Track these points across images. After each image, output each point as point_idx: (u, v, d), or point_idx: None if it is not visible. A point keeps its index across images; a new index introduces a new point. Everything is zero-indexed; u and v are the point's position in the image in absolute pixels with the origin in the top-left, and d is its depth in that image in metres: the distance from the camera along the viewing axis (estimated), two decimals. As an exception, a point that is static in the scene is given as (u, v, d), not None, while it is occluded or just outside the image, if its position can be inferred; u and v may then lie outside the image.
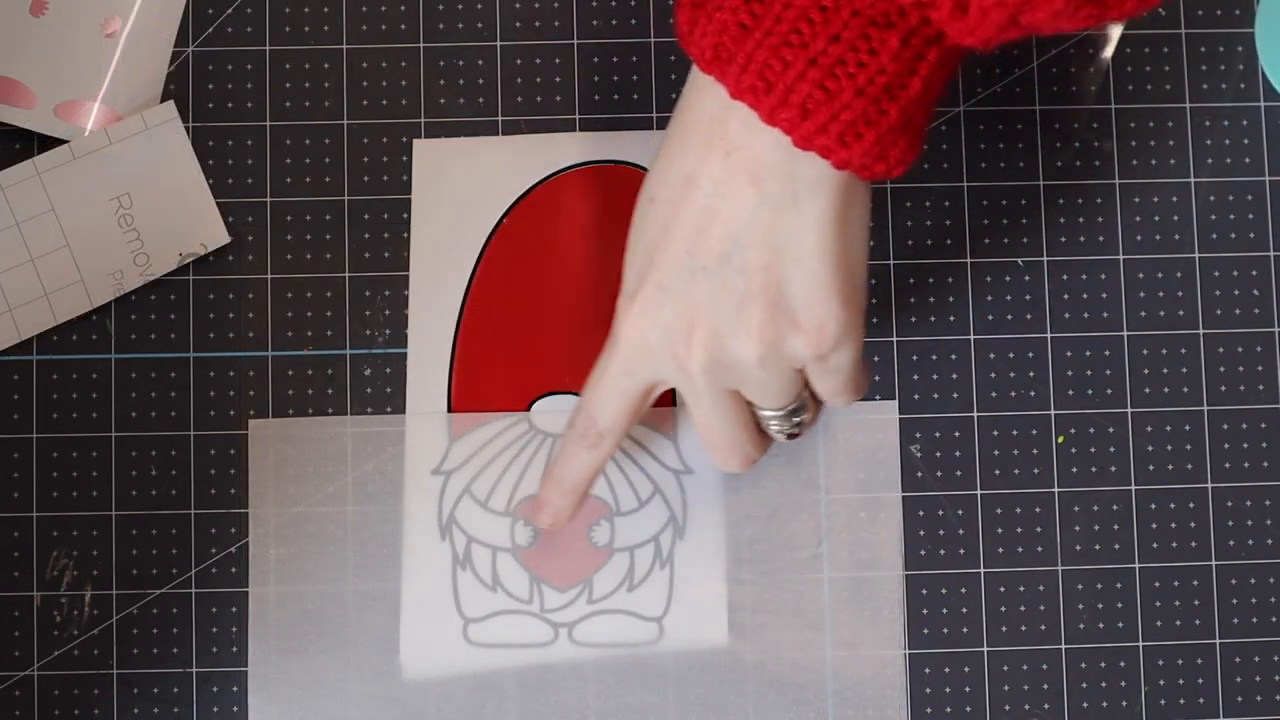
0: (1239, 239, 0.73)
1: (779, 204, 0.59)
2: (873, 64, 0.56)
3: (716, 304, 0.60)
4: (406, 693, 0.70)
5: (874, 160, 0.58)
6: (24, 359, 0.70)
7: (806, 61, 0.56)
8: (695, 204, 0.60)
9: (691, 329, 0.61)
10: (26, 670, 0.69)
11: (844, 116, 0.56)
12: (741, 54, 0.57)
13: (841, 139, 0.57)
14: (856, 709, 0.70)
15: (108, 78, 0.71)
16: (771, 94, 0.57)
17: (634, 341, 0.63)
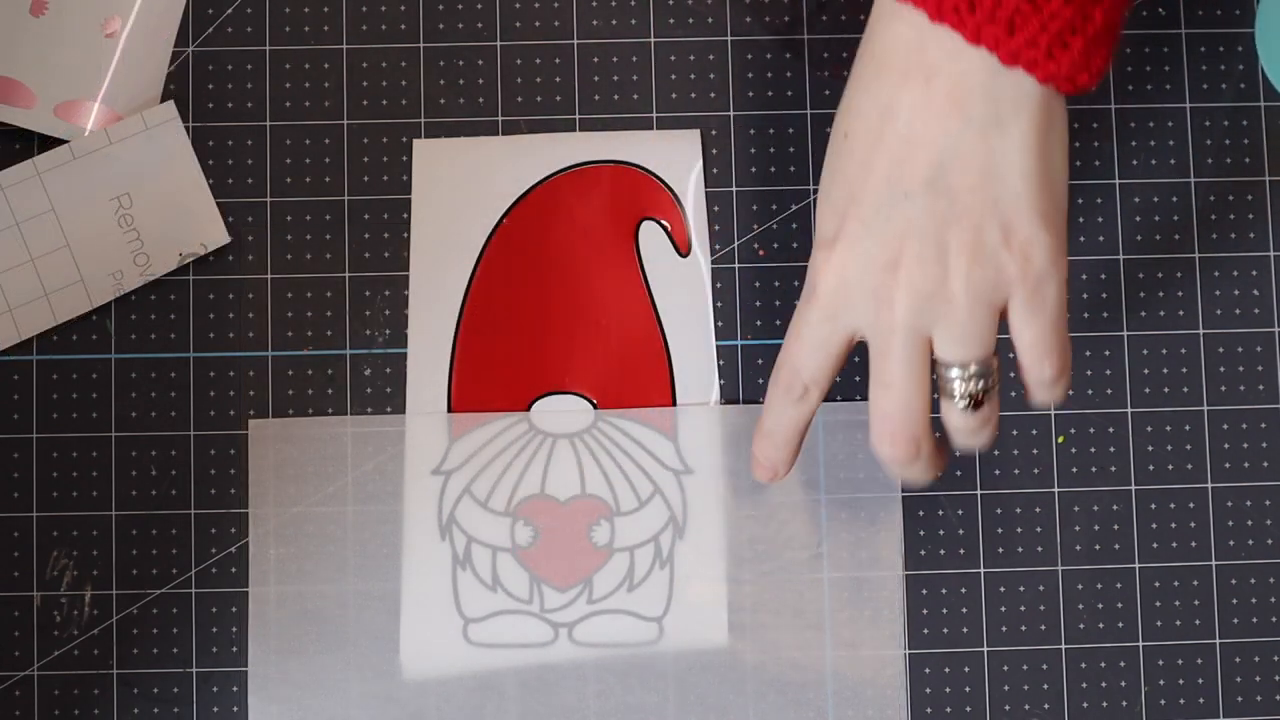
0: (1239, 239, 0.73)
1: (983, 126, 0.57)
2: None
3: (923, 229, 0.58)
4: (406, 693, 0.70)
5: (1079, 70, 0.56)
6: (24, 359, 0.70)
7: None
8: (895, 133, 0.58)
9: (897, 260, 0.59)
10: (26, 670, 0.69)
11: (1052, 26, 0.55)
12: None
13: (1049, 50, 0.56)
14: (856, 709, 0.70)
15: (108, 78, 0.71)
16: (977, 11, 0.55)
17: (834, 285, 0.60)
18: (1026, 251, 0.59)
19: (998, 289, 0.59)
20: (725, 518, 0.71)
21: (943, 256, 0.59)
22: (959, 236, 0.58)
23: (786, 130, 0.72)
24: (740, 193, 0.72)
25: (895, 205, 0.59)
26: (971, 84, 0.57)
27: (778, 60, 0.73)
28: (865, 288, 0.60)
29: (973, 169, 0.58)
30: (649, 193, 0.72)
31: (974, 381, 0.61)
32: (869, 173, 0.59)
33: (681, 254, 0.72)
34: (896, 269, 0.59)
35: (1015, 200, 0.58)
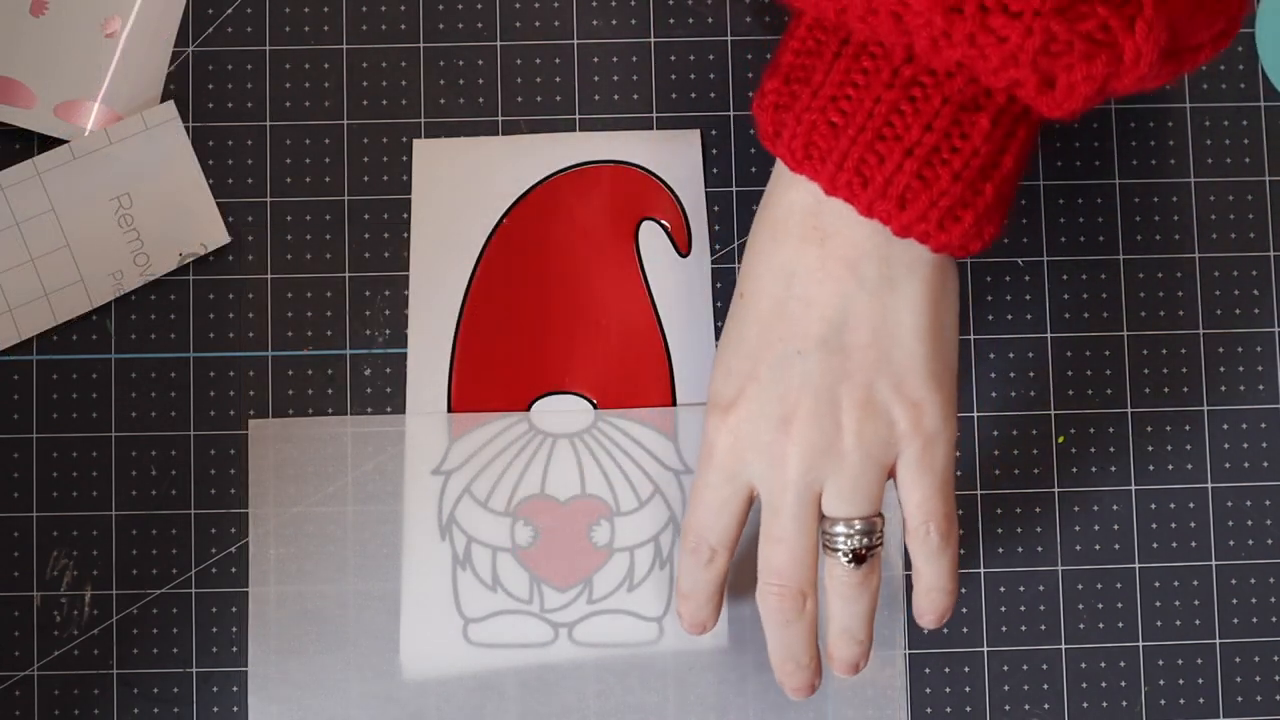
0: (1239, 239, 0.73)
1: (876, 286, 0.59)
2: (966, 148, 0.57)
3: (816, 386, 0.60)
4: (406, 693, 0.70)
5: (971, 239, 0.58)
6: (24, 359, 0.70)
7: (903, 153, 0.57)
8: (791, 295, 0.60)
9: (791, 417, 0.61)
10: (26, 670, 0.69)
11: (942, 203, 0.57)
12: (836, 152, 0.58)
13: (940, 224, 0.58)
14: (856, 709, 0.70)
15: (108, 78, 0.71)
16: (869, 188, 0.57)
17: (729, 444, 0.62)
18: (918, 409, 0.61)
19: (888, 446, 0.61)
20: (725, 518, 0.71)
21: (835, 412, 0.60)
22: (851, 393, 0.60)
23: (786, 130, 0.72)
24: (740, 193, 0.72)
25: (789, 363, 0.60)
26: (866, 247, 0.59)
27: (778, 60, 0.73)
28: (760, 445, 0.61)
29: (865, 327, 0.60)
30: (649, 193, 0.72)
31: (858, 538, 0.62)
32: (765, 333, 0.61)
33: (681, 254, 0.72)
34: (790, 426, 0.61)
35: (907, 358, 0.60)
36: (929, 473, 0.61)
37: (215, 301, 0.71)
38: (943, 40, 0.55)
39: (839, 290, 0.60)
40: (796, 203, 0.60)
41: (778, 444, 0.61)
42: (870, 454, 0.61)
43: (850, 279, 0.59)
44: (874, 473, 0.61)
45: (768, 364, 0.61)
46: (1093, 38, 0.53)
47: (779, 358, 0.61)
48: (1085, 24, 0.53)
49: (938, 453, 0.61)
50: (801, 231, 0.60)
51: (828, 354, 0.60)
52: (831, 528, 0.62)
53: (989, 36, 0.54)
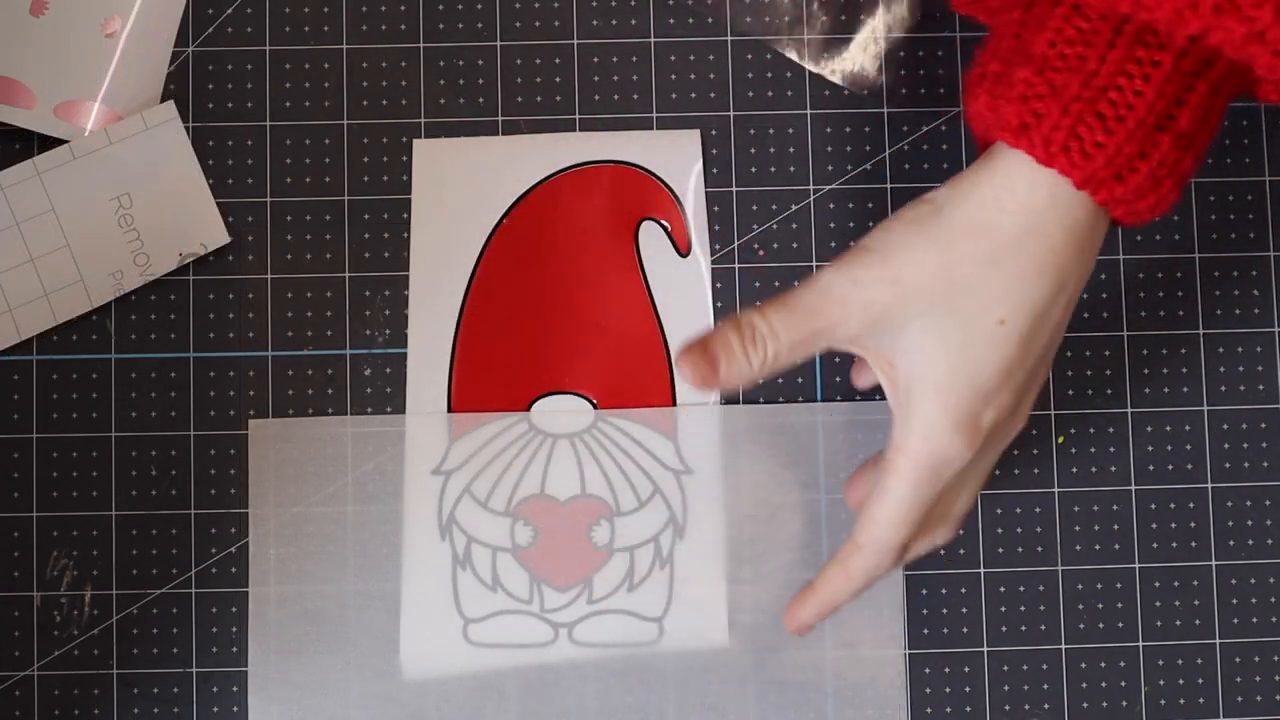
0: (1239, 239, 0.73)
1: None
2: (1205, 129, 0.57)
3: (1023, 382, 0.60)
4: (406, 693, 0.70)
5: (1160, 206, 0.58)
6: (24, 359, 0.70)
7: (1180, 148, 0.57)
8: (1059, 312, 0.60)
9: (1022, 404, 0.61)
10: (26, 670, 0.69)
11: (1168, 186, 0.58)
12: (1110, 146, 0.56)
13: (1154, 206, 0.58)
14: (856, 709, 0.70)
15: (108, 78, 0.71)
16: (1125, 183, 0.57)
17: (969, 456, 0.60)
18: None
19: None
20: (725, 518, 0.71)
21: (1024, 397, 0.61)
22: (1034, 380, 0.61)
23: (786, 130, 0.72)
24: (740, 193, 0.72)
25: (1043, 364, 0.61)
26: (1094, 245, 0.59)
27: (778, 60, 0.73)
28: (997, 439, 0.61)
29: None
30: (649, 193, 0.72)
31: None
32: (1028, 350, 0.59)
33: (681, 254, 0.72)
34: (1018, 412, 0.61)
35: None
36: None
37: (215, 301, 0.71)
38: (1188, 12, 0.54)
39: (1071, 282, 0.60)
40: (1081, 222, 0.58)
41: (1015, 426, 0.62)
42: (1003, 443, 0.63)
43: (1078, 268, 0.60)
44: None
45: (1028, 373, 0.60)
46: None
47: (1036, 364, 0.60)
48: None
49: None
50: (1079, 248, 0.58)
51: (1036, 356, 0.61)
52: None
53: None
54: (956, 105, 0.73)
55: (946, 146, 0.73)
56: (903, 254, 0.58)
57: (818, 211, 0.72)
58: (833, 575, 0.62)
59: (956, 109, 0.73)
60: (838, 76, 0.73)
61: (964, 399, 0.59)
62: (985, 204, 0.58)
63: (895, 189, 0.72)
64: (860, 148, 0.72)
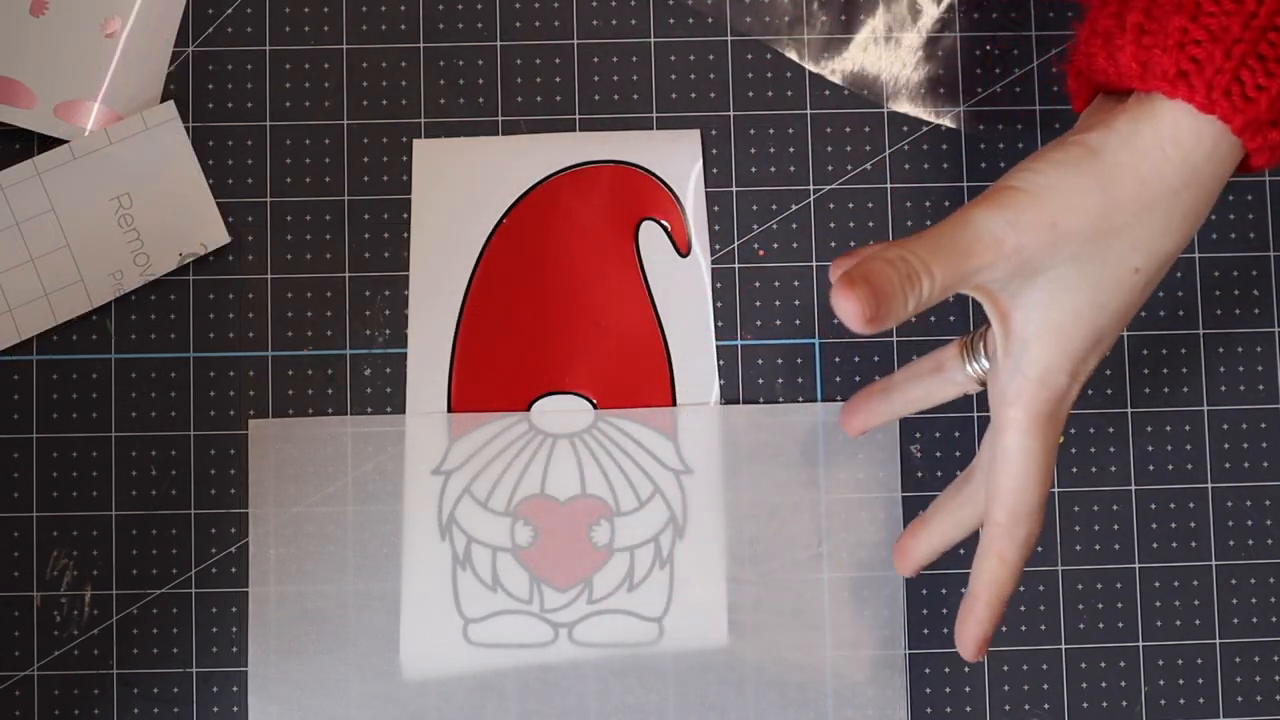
0: (1239, 239, 0.73)
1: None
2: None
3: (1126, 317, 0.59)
4: (406, 693, 0.70)
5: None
6: (24, 359, 0.70)
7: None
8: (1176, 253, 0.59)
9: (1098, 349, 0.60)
10: (26, 670, 0.69)
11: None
12: (1274, 87, 0.55)
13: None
14: (856, 709, 0.70)
15: (108, 78, 0.71)
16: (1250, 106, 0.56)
17: (1072, 399, 0.59)
18: None
19: None
20: (725, 518, 0.71)
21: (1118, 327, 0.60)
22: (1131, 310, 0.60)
23: (786, 130, 0.72)
24: (740, 193, 0.72)
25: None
26: (1214, 188, 0.58)
27: (778, 60, 0.73)
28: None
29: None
30: (649, 193, 0.72)
31: None
32: (1141, 303, 0.59)
33: (681, 254, 0.72)
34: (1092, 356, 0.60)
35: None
36: None
37: (215, 301, 0.71)
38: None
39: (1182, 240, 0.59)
40: (1226, 171, 0.57)
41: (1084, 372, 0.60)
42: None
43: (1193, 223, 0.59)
44: None
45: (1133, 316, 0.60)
46: None
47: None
48: None
49: None
50: (1213, 191, 0.57)
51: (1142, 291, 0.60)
52: None
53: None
54: (957, 105, 0.73)
55: (946, 146, 0.73)
56: (1060, 198, 0.56)
57: (818, 211, 0.72)
58: (988, 570, 0.60)
59: (956, 109, 0.73)
60: (838, 76, 0.73)
61: (1084, 343, 0.58)
62: (1149, 151, 0.56)
63: (895, 189, 0.72)
64: (860, 148, 0.73)
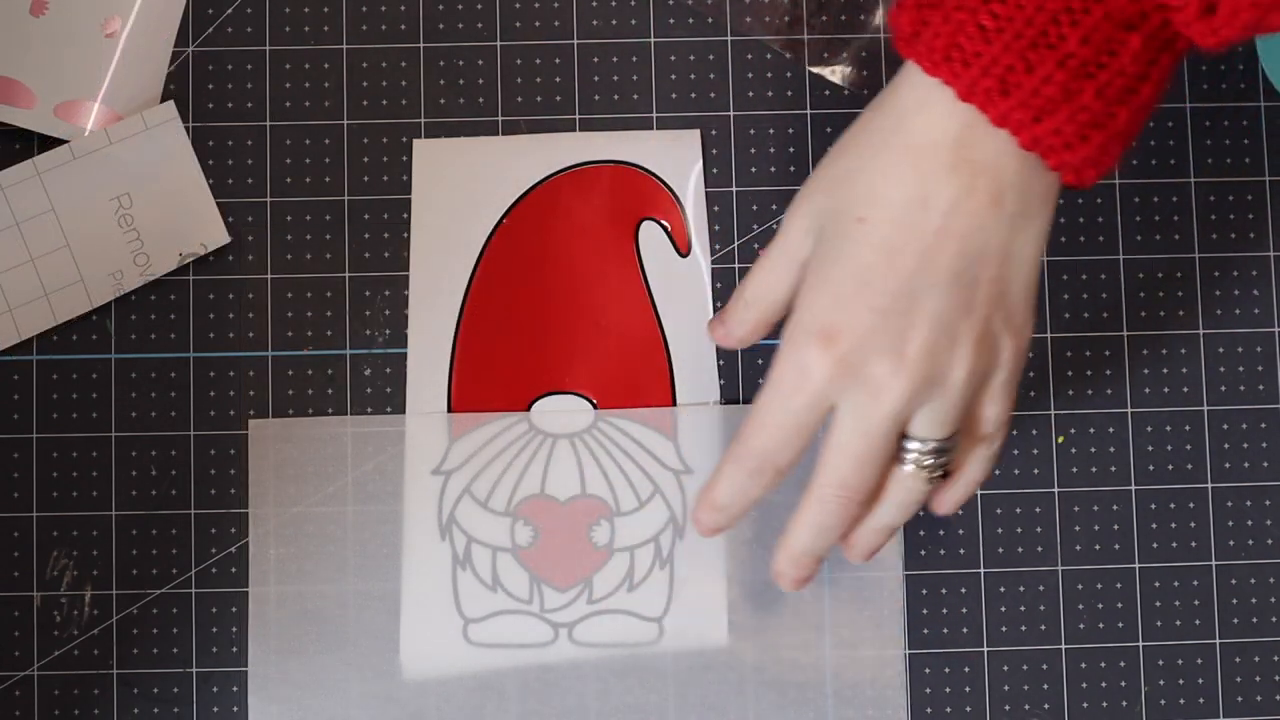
0: (1239, 239, 0.73)
1: (1013, 220, 0.58)
2: (1113, 65, 0.56)
3: (941, 320, 0.59)
4: (406, 693, 0.70)
5: (1088, 166, 0.57)
6: (24, 359, 0.70)
7: (1055, 63, 0.55)
8: (927, 224, 0.58)
9: (904, 352, 0.59)
10: (26, 670, 0.69)
11: (1080, 118, 0.56)
12: (985, 57, 0.56)
13: (1068, 143, 0.57)
14: (856, 709, 0.70)
15: (108, 78, 0.71)
16: (1009, 96, 0.56)
17: (833, 373, 0.59)
18: (1020, 336, 0.60)
19: (987, 374, 0.60)
20: (725, 518, 0.71)
21: (952, 346, 0.59)
22: (972, 327, 0.59)
23: (786, 130, 0.72)
24: (740, 193, 0.72)
25: (916, 297, 0.58)
26: (1009, 180, 0.58)
27: (778, 60, 0.73)
28: (866, 375, 0.59)
29: (995, 261, 0.59)
30: (649, 193, 0.72)
31: (939, 455, 0.61)
32: (891, 262, 0.58)
33: (681, 254, 0.72)
34: (903, 357, 0.59)
35: (1022, 289, 0.60)
36: (1010, 393, 0.61)
37: (215, 301, 0.71)
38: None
39: (981, 224, 0.58)
40: (949, 132, 0.57)
41: (887, 375, 0.59)
42: (974, 385, 0.60)
43: (993, 213, 0.58)
44: (970, 399, 0.60)
45: (891, 294, 0.58)
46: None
47: (906, 290, 0.58)
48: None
49: (1018, 375, 0.61)
50: (951, 162, 0.57)
51: (959, 288, 0.58)
52: (910, 444, 0.61)
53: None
54: (956, 105, 0.73)
55: (946, 146, 0.73)
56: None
57: (818, 211, 0.72)
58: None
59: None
60: (838, 76, 0.73)
61: (820, 302, 0.59)
62: (873, 104, 0.59)
63: (895, 189, 0.72)
64: (860, 148, 0.72)
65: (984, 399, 0.61)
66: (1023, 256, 0.59)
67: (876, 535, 0.63)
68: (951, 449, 0.61)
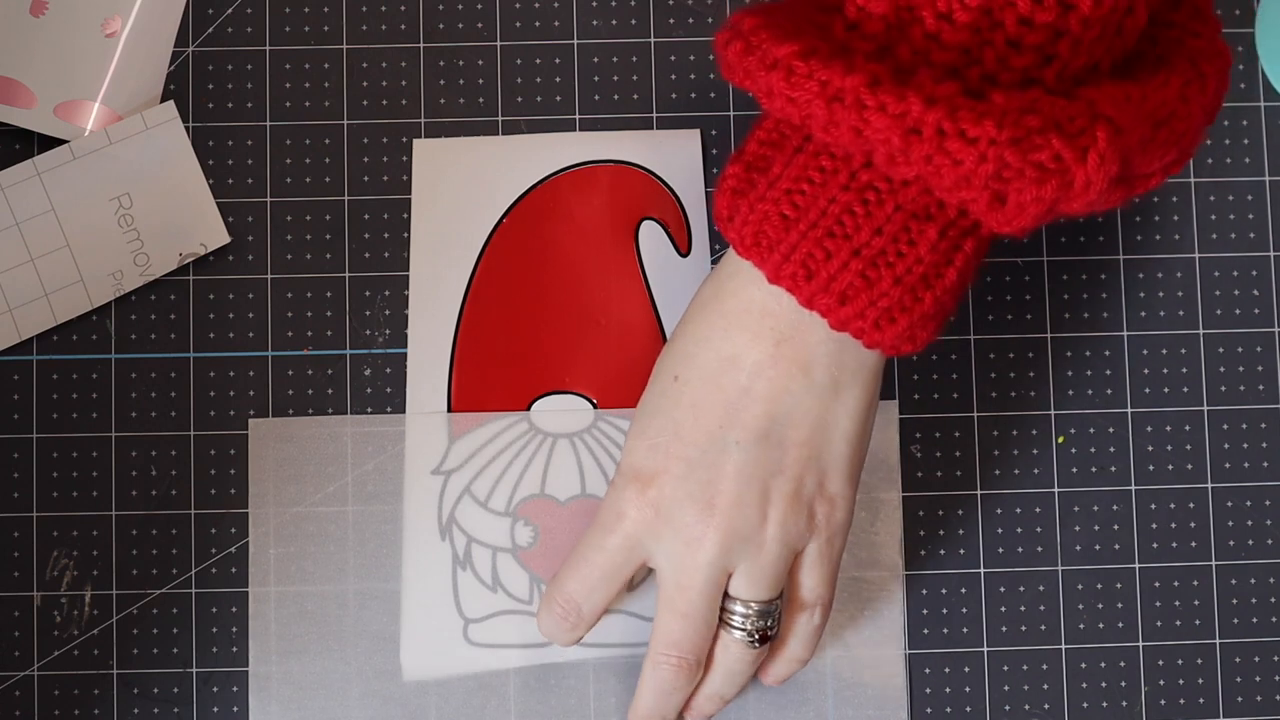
0: (1239, 239, 0.73)
1: (823, 389, 0.61)
2: (911, 254, 0.58)
3: (749, 476, 0.62)
4: (406, 693, 0.70)
5: (903, 342, 0.60)
6: (24, 359, 0.70)
7: (850, 252, 0.58)
8: (734, 384, 0.61)
9: (715, 501, 0.62)
10: (26, 670, 0.69)
11: (881, 303, 0.59)
12: (784, 243, 0.59)
13: (876, 324, 0.59)
14: (856, 709, 0.70)
15: (108, 78, 0.71)
16: (813, 281, 0.59)
17: (647, 519, 0.63)
18: (833, 504, 0.63)
19: (803, 537, 0.63)
20: (725, 518, 0.71)
21: (763, 503, 0.62)
22: (781, 486, 0.62)
23: (786, 130, 0.72)
24: (740, 193, 0.72)
25: (724, 451, 0.62)
26: (819, 351, 0.61)
27: (778, 60, 0.73)
28: (678, 524, 0.62)
29: (805, 426, 0.62)
30: (649, 193, 0.72)
31: (760, 619, 0.64)
32: (699, 416, 0.62)
33: (681, 254, 0.72)
34: (713, 510, 0.62)
35: (836, 458, 0.62)
36: (828, 562, 0.64)
37: (215, 301, 0.71)
38: (900, 157, 0.56)
39: (787, 389, 0.61)
40: (755, 300, 0.61)
41: (698, 526, 0.62)
42: (787, 544, 0.63)
43: (800, 379, 0.61)
44: (786, 560, 0.63)
45: (699, 446, 0.62)
46: (1045, 167, 0.55)
47: (714, 443, 0.62)
48: (1039, 154, 0.54)
49: (837, 544, 0.64)
50: (756, 328, 0.61)
51: (766, 447, 0.61)
52: (733, 606, 0.64)
53: (945, 159, 0.55)
54: (956, 105, 0.73)
55: (946, 146, 0.73)
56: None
57: (818, 211, 0.72)
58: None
59: (956, 109, 0.73)
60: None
61: (638, 450, 0.63)
62: (707, 276, 0.64)
63: (895, 189, 0.72)
64: (860, 148, 0.72)
65: (802, 565, 0.64)
66: (839, 427, 0.62)
67: (710, 703, 0.66)
68: (773, 613, 0.64)
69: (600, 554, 0.64)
